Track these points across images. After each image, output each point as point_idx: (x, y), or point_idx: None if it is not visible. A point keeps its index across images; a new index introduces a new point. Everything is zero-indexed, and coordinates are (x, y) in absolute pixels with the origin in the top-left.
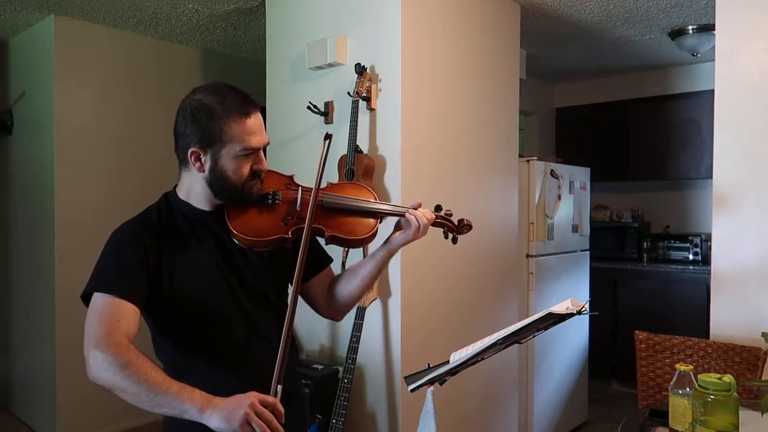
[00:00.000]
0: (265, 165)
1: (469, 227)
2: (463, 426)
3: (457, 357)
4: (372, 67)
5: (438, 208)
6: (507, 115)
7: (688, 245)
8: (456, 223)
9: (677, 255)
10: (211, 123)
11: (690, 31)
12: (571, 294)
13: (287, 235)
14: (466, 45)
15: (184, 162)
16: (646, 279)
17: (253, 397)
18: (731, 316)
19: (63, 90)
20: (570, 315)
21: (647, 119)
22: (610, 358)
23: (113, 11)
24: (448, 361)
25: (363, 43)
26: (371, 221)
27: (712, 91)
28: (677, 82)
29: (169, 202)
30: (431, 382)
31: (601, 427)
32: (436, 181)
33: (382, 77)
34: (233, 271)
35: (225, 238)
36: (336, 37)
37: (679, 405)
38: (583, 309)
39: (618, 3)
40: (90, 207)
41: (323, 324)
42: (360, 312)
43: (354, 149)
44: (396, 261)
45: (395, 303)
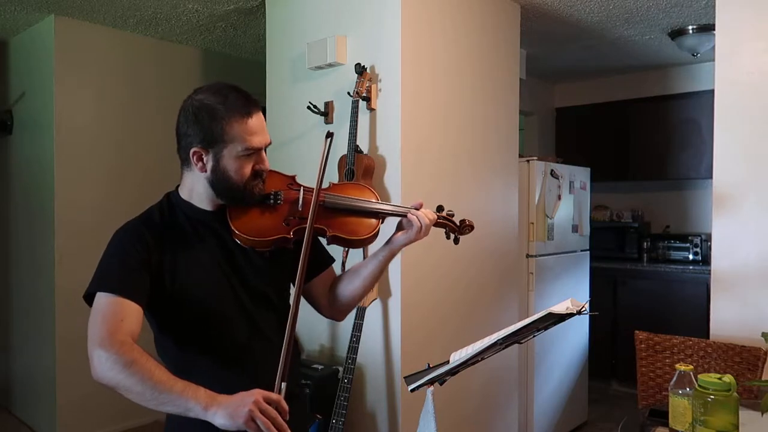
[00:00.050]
0: (267, 165)
1: (471, 228)
2: (463, 426)
3: (457, 357)
4: (372, 67)
5: (440, 208)
6: (507, 115)
7: (688, 245)
8: (458, 224)
9: (677, 255)
10: (213, 123)
11: (690, 31)
12: (571, 294)
13: (289, 235)
14: (466, 45)
15: (186, 162)
16: (646, 279)
17: (258, 394)
18: (731, 316)
19: (63, 90)
20: (570, 315)
21: (647, 119)
22: (610, 358)
23: (113, 11)
24: (448, 361)
25: (363, 43)
26: (373, 221)
27: (712, 91)
28: (677, 82)
29: (172, 202)
30: (431, 382)
31: (601, 427)
32: (436, 181)
33: (382, 77)
34: (235, 271)
35: (227, 238)
36: (336, 37)
37: (679, 405)
38: (583, 309)
39: (618, 3)
40: (90, 207)
41: (323, 324)
42: (360, 312)
43: (354, 149)
44: (396, 261)
45: (395, 303)
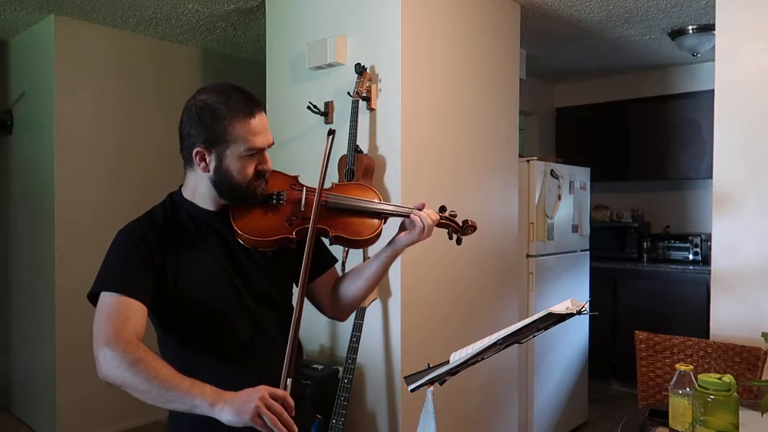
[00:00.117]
0: (270, 165)
1: (474, 228)
2: (463, 426)
3: (457, 357)
4: (372, 67)
5: (442, 208)
6: (507, 115)
7: (688, 245)
8: (460, 224)
9: (677, 255)
10: (216, 123)
11: (690, 31)
12: (571, 294)
13: (291, 236)
14: (466, 45)
15: (189, 162)
16: (646, 279)
17: (264, 391)
18: (731, 316)
19: (63, 90)
20: (570, 315)
21: (647, 119)
22: (610, 358)
23: (113, 11)
24: (448, 361)
25: (363, 43)
26: (375, 222)
27: (712, 91)
28: (677, 82)
29: (175, 201)
30: (431, 382)
31: (601, 427)
32: (436, 181)
33: (382, 77)
34: (238, 271)
35: (230, 238)
36: (336, 37)
37: (679, 405)
38: (583, 309)
39: (618, 3)
40: (90, 207)
41: (323, 324)
42: (360, 312)
43: (354, 149)
44: (396, 261)
45: (395, 303)
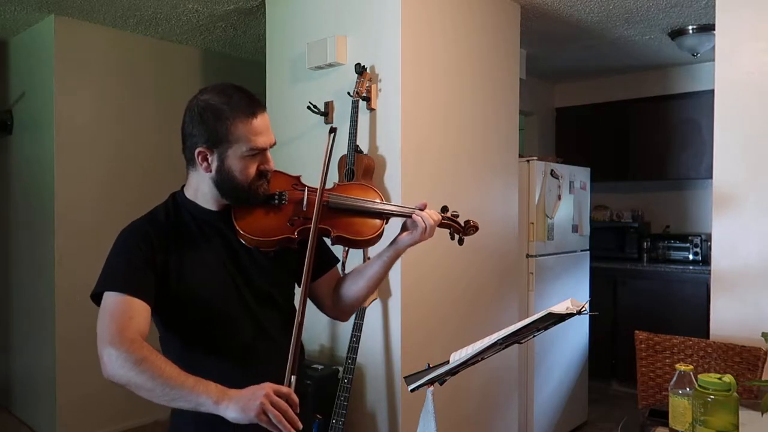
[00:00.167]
0: (272, 165)
1: (476, 228)
2: (463, 426)
3: (457, 357)
4: (372, 67)
5: (444, 209)
6: (507, 115)
7: (688, 245)
8: (462, 225)
9: (677, 255)
10: (218, 123)
11: (690, 31)
12: (571, 294)
13: (293, 236)
14: (466, 45)
15: (191, 162)
16: (646, 279)
17: (268, 388)
18: (731, 316)
19: (63, 90)
20: (570, 315)
21: (647, 119)
22: (610, 358)
23: (113, 11)
24: (448, 361)
25: (363, 43)
26: (377, 222)
27: (712, 91)
28: (677, 82)
29: (177, 201)
30: (431, 382)
31: (601, 427)
32: (436, 181)
33: (382, 77)
34: (240, 271)
35: (232, 238)
36: (336, 37)
37: (679, 405)
38: (583, 309)
39: (618, 3)
40: (90, 207)
41: (323, 324)
42: (360, 312)
43: (354, 149)
44: (396, 261)
45: (395, 303)
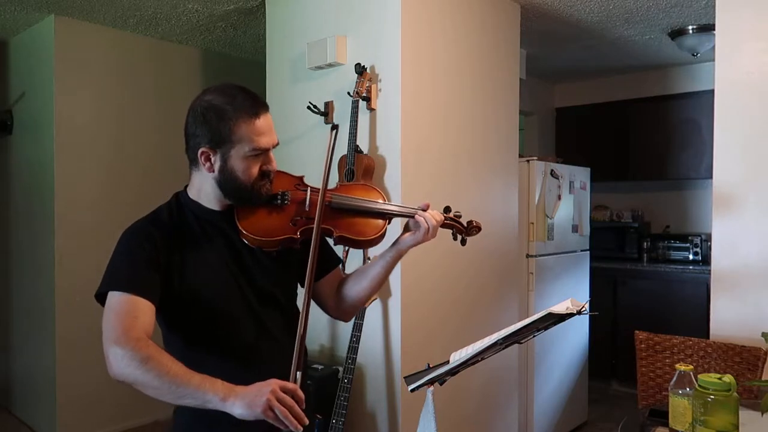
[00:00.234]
0: (275, 165)
1: (478, 229)
2: (463, 426)
3: (457, 357)
4: (372, 67)
5: (447, 209)
6: (507, 115)
7: (688, 245)
8: (465, 225)
9: (677, 255)
10: (221, 123)
11: (690, 31)
12: (571, 294)
13: (296, 236)
14: (466, 45)
15: (194, 162)
16: (646, 279)
17: (274, 384)
18: (731, 316)
19: (63, 90)
20: (570, 315)
21: (647, 119)
22: (610, 358)
23: (113, 11)
24: (448, 361)
25: (363, 43)
26: (380, 222)
27: (712, 91)
28: (677, 82)
29: (180, 201)
30: (431, 382)
31: (601, 427)
32: (436, 181)
33: (382, 77)
34: (243, 271)
35: (234, 237)
36: (336, 37)
37: (679, 405)
38: (583, 309)
39: (618, 3)
40: (90, 207)
41: (323, 324)
42: (360, 312)
43: (354, 149)
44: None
45: (395, 303)
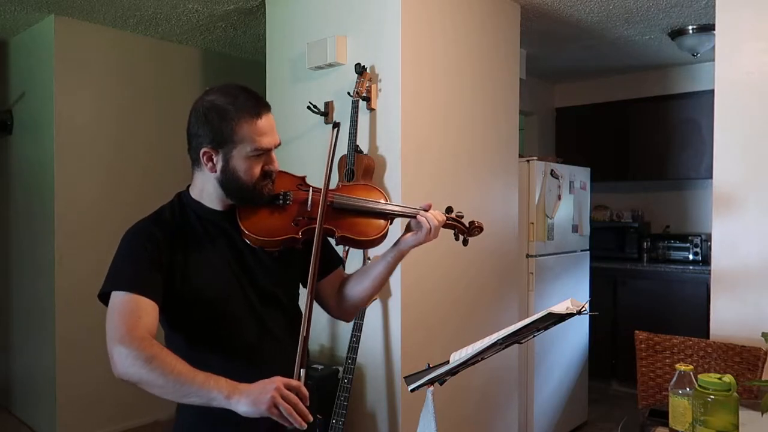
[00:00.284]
0: (277, 165)
1: (480, 229)
2: (463, 426)
3: (457, 357)
4: (372, 67)
5: (449, 209)
6: (507, 115)
7: (688, 245)
8: (467, 225)
9: (677, 255)
10: (223, 123)
11: (690, 31)
12: (571, 294)
13: (298, 236)
14: (466, 45)
15: (196, 162)
16: (646, 279)
17: (278, 381)
18: (731, 316)
19: (63, 90)
20: (570, 315)
21: (647, 119)
22: (610, 358)
23: (113, 11)
24: (448, 361)
25: (363, 43)
26: (382, 222)
27: (712, 91)
28: (677, 82)
29: (182, 201)
30: (431, 382)
31: (601, 427)
32: (436, 181)
33: (382, 77)
34: (245, 271)
35: (237, 238)
36: (336, 37)
37: (679, 405)
38: (583, 309)
39: (618, 3)
40: (90, 207)
41: (323, 324)
42: (360, 312)
43: (354, 149)
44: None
45: (395, 303)
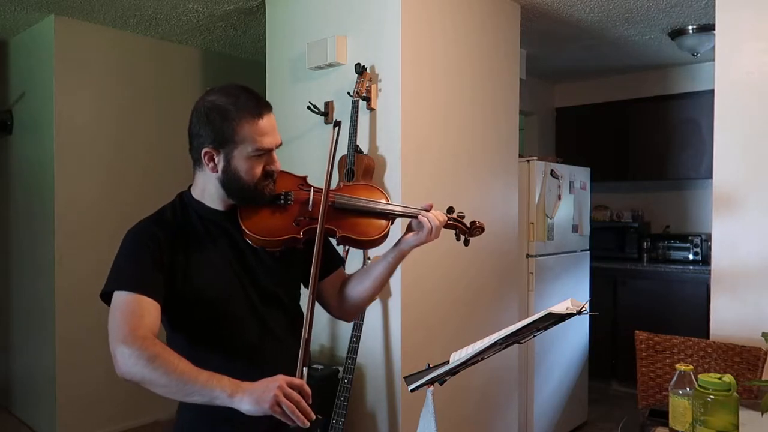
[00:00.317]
0: (278, 165)
1: (482, 229)
2: (463, 426)
3: (457, 357)
4: (372, 67)
5: (450, 210)
6: (507, 115)
7: (688, 245)
8: (468, 226)
9: (677, 255)
10: (224, 124)
11: (690, 31)
12: (571, 294)
13: (299, 236)
14: (466, 45)
15: (197, 162)
16: (646, 279)
17: (281, 380)
18: (731, 316)
19: (63, 90)
20: (570, 315)
21: (647, 119)
22: (610, 358)
23: (113, 11)
24: (448, 361)
25: (363, 43)
26: (383, 222)
27: (712, 91)
28: (677, 82)
29: (184, 201)
30: (431, 382)
31: (601, 427)
32: (436, 181)
33: (382, 77)
34: (246, 271)
35: (238, 237)
36: (336, 37)
37: (679, 405)
38: (583, 309)
39: (618, 3)
40: (90, 207)
41: (323, 324)
42: (360, 312)
43: (354, 149)
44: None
45: (395, 303)
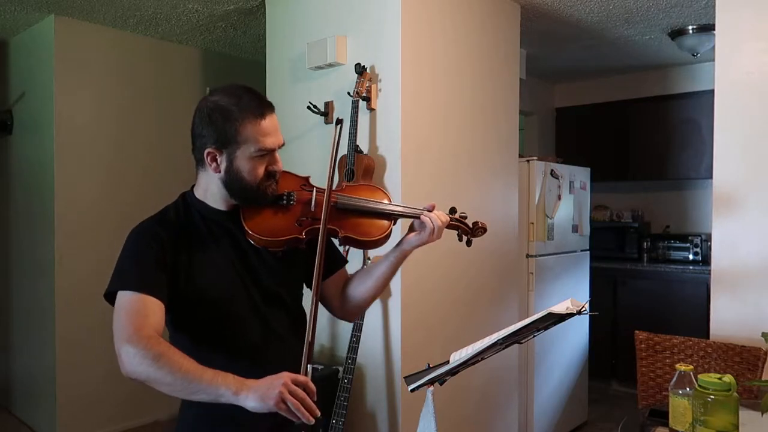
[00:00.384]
0: (280, 166)
1: (484, 230)
2: (463, 426)
3: (457, 357)
4: (372, 67)
5: (453, 210)
6: (507, 115)
7: (688, 245)
8: (471, 226)
9: (677, 255)
10: (227, 124)
11: (690, 31)
12: (571, 294)
13: (301, 236)
14: (466, 45)
15: (200, 162)
16: (646, 279)
17: (286, 377)
18: (731, 316)
19: (63, 90)
20: (570, 315)
21: (647, 119)
22: (610, 358)
23: (113, 11)
24: (448, 361)
25: (363, 43)
26: (385, 223)
27: (712, 91)
28: (677, 82)
29: (187, 201)
30: (431, 382)
31: (601, 427)
32: (436, 181)
33: (382, 77)
34: (248, 271)
35: (240, 238)
36: (336, 37)
37: (679, 405)
38: (583, 309)
39: (618, 3)
40: (90, 207)
41: (323, 324)
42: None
43: (354, 149)
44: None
45: (395, 303)
